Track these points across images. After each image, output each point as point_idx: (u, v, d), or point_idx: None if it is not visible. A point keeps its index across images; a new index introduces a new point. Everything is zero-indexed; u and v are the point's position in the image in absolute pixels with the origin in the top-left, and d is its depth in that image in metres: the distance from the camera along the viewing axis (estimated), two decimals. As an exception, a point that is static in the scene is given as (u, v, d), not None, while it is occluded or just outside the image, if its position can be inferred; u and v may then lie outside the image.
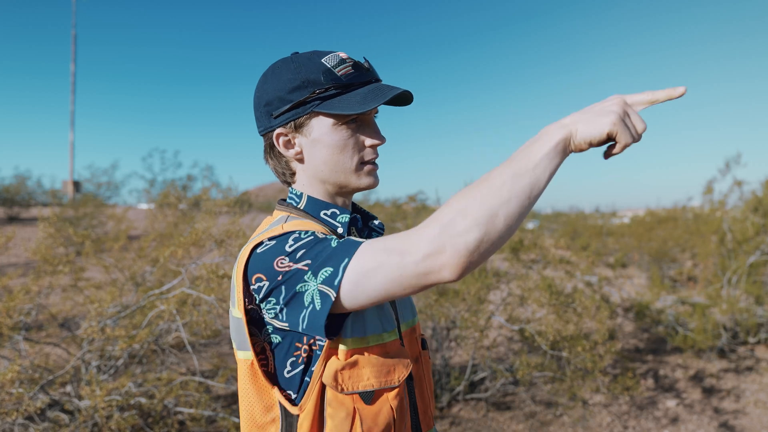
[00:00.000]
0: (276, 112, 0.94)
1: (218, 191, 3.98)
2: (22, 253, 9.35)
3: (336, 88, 0.91)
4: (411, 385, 0.98)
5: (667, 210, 11.18)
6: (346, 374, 0.86)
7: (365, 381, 0.87)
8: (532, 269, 4.74)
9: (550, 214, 22.26)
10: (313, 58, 0.93)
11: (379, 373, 0.87)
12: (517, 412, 4.04)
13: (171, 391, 3.09)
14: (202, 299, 3.35)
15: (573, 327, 3.44)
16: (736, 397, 4.53)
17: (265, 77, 0.97)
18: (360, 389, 0.86)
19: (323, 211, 0.98)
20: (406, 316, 1.03)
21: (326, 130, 0.94)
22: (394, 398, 0.88)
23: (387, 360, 0.89)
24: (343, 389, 0.86)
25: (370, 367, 0.87)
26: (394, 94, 0.90)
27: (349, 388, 0.86)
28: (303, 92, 0.92)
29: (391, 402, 0.88)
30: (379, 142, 0.96)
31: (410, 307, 1.07)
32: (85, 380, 3.08)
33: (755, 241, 6.00)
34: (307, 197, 0.99)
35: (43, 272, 3.43)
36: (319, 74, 0.91)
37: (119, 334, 2.92)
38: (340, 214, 0.98)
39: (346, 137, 0.93)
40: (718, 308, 5.51)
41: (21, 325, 3.34)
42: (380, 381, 0.87)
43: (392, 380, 0.88)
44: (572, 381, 3.62)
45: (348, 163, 0.95)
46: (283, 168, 1.00)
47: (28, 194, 15.53)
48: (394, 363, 0.90)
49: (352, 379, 0.86)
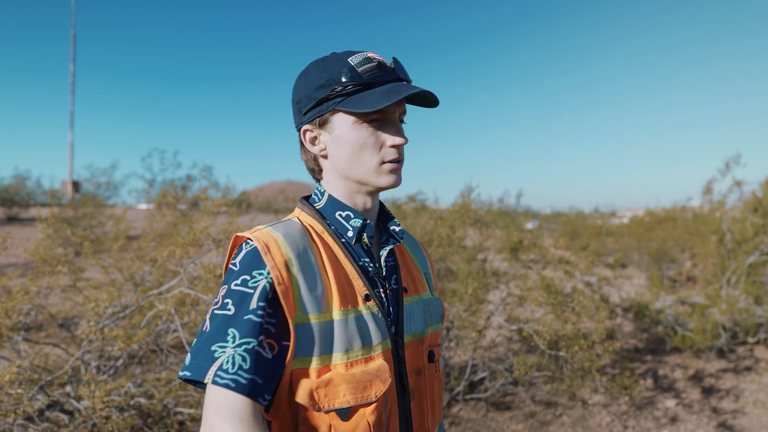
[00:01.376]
0: (304, 109, 0.98)
1: (217, 191, 3.97)
2: (21, 253, 9.34)
3: (357, 86, 0.93)
4: (406, 398, 0.96)
5: (666, 210, 11.17)
6: (321, 392, 0.86)
7: (341, 398, 0.86)
8: (531, 269, 4.74)
9: (550, 215, 22.25)
10: (342, 58, 0.95)
11: (355, 390, 0.87)
12: (516, 412, 4.04)
13: (171, 392, 3.09)
14: (200, 299, 3.35)
15: (571, 327, 3.44)
16: (735, 397, 4.54)
17: (299, 76, 1.01)
18: (336, 406, 0.86)
19: (339, 212, 0.99)
20: (415, 327, 1.01)
21: (347, 127, 0.95)
22: (372, 413, 0.88)
23: (364, 376, 0.88)
24: (319, 408, 0.86)
25: (346, 384, 0.87)
26: (409, 93, 0.90)
27: (325, 405, 0.86)
28: (326, 90, 0.95)
29: (368, 417, 0.87)
30: (400, 142, 0.96)
31: (425, 316, 1.04)
32: (84, 380, 3.08)
33: (754, 242, 6.00)
34: (328, 196, 1.01)
35: (42, 273, 3.43)
36: (341, 73, 0.93)
37: (118, 335, 2.91)
38: (353, 218, 0.99)
39: (367, 135, 0.95)
40: (717, 308, 5.51)
41: (20, 326, 3.33)
42: (356, 397, 0.87)
43: (369, 396, 0.87)
44: (571, 381, 3.61)
45: (368, 161, 0.95)
46: (312, 164, 1.03)
47: (28, 194, 15.54)
48: (371, 379, 0.88)
49: (328, 397, 0.86)
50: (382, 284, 0.98)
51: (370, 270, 0.98)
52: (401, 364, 0.96)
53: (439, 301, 1.13)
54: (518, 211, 7.90)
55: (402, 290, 1.01)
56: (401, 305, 0.99)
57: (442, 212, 4.76)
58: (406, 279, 1.04)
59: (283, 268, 0.89)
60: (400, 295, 1.00)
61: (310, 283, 0.90)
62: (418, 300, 1.04)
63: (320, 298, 0.90)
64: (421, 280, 1.09)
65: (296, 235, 0.95)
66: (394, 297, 1.00)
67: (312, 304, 0.88)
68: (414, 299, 1.03)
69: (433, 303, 1.09)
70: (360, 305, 0.92)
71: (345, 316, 0.90)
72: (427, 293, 1.08)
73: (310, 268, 0.91)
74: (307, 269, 0.91)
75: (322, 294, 0.90)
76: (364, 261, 0.98)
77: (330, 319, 0.89)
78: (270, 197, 37.17)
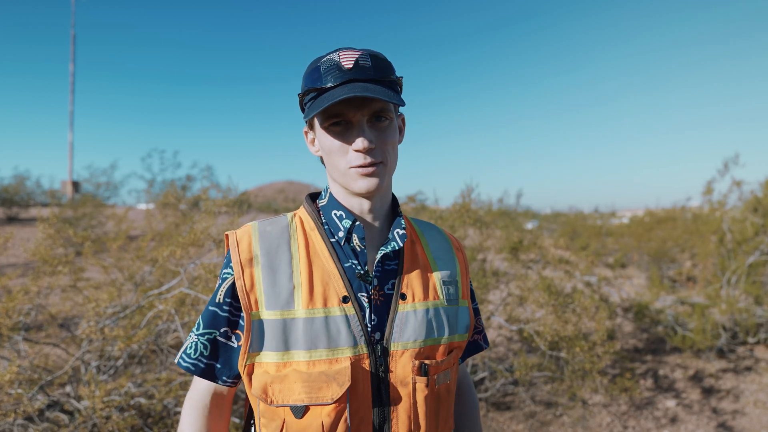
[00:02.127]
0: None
1: (218, 191, 3.97)
2: (21, 253, 9.34)
3: (313, 91, 0.94)
4: (384, 408, 0.92)
5: (666, 210, 11.18)
6: (276, 387, 0.89)
7: (296, 395, 0.87)
8: (531, 269, 4.73)
9: (549, 215, 22.24)
10: (317, 61, 0.96)
11: (310, 389, 0.87)
12: (516, 412, 4.04)
13: (171, 391, 3.08)
14: (200, 299, 3.35)
15: (572, 327, 3.43)
16: (735, 397, 4.54)
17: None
18: (290, 403, 0.88)
19: (334, 211, 1.00)
20: (409, 336, 0.94)
21: (319, 132, 0.97)
22: (328, 415, 0.87)
23: (321, 377, 0.87)
24: (272, 402, 0.89)
25: (302, 382, 0.87)
26: (343, 97, 0.86)
27: (278, 401, 0.88)
28: (302, 95, 0.98)
29: (323, 418, 0.87)
30: (359, 147, 0.90)
31: (428, 326, 0.96)
32: (84, 380, 3.08)
33: (754, 242, 6.00)
34: (329, 194, 1.03)
35: (43, 273, 3.42)
36: (306, 77, 0.96)
37: (118, 335, 2.91)
38: (345, 218, 0.98)
39: (332, 140, 0.94)
40: (717, 308, 5.52)
41: (20, 326, 3.33)
42: (311, 397, 0.87)
43: (324, 398, 0.87)
44: (572, 381, 3.62)
45: (339, 166, 0.94)
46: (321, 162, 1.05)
47: (27, 194, 15.53)
48: (328, 381, 0.87)
49: (282, 393, 0.88)
50: (368, 288, 0.94)
51: (357, 272, 0.95)
52: (383, 373, 0.92)
53: (463, 311, 1.05)
54: (518, 211, 7.89)
55: (399, 297, 0.96)
56: (394, 312, 0.94)
57: (442, 212, 4.76)
58: (409, 285, 0.98)
59: (247, 264, 0.94)
60: (394, 301, 0.96)
61: (277, 280, 0.92)
62: (421, 308, 0.97)
63: (287, 295, 0.91)
64: (434, 287, 1.01)
65: (275, 232, 0.98)
66: (386, 303, 0.95)
67: (276, 300, 0.91)
68: (413, 307, 0.96)
69: (450, 313, 1.01)
70: (333, 306, 0.91)
71: (312, 315, 0.90)
72: (437, 302, 0.99)
73: (282, 265, 0.94)
74: (277, 266, 0.93)
75: (291, 291, 0.91)
76: (351, 262, 0.96)
77: (295, 316, 0.90)
78: (270, 197, 37.13)
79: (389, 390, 0.92)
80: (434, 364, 0.95)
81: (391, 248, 0.97)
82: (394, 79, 0.96)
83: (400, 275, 0.99)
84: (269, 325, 0.90)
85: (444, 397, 0.99)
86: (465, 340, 1.05)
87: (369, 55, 0.94)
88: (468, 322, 1.05)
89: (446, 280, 1.04)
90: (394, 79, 0.96)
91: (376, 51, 0.98)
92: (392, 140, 0.96)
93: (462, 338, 1.04)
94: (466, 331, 1.05)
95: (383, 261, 0.98)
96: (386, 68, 0.95)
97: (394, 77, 0.96)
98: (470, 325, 1.06)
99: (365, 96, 0.86)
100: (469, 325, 1.06)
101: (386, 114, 0.94)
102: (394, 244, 0.98)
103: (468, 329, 1.05)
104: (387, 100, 0.87)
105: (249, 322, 0.90)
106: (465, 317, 1.05)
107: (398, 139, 1.00)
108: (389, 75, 0.95)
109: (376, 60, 0.94)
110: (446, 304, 1.01)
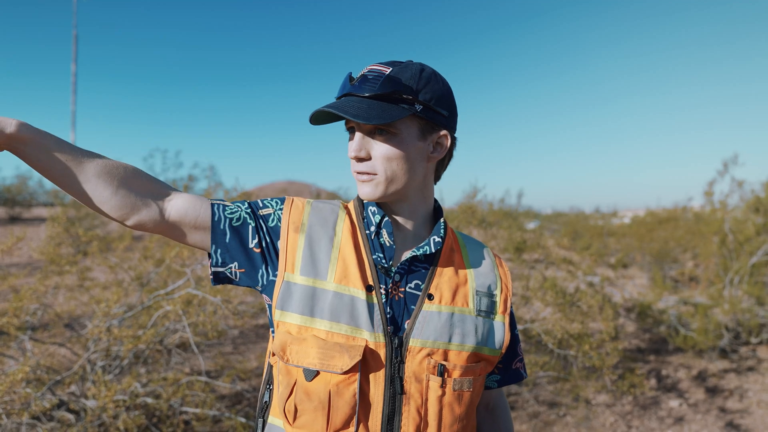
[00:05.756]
0: None
1: (224, 192, 3.99)
2: (24, 253, 9.36)
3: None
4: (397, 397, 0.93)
5: (667, 210, 11.18)
6: (294, 348, 0.93)
7: (310, 359, 0.92)
8: (534, 269, 4.75)
9: (551, 215, 22.25)
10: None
11: (323, 356, 0.91)
12: (520, 413, 4.05)
13: (177, 391, 3.10)
14: (207, 300, 3.36)
15: (579, 326, 3.45)
16: (740, 397, 4.55)
17: None
18: (304, 365, 0.92)
19: (371, 207, 1.04)
20: (428, 336, 0.96)
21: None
22: (336, 384, 0.91)
23: (335, 347, 0.92)
24: (288, 360, 0.93)
25: (318, 348, 0.92)
26: (312, 113, 0.95)
27: (294, 361, 0.93)
28: None
29: (331, 386, 0.91)
30: (349, 155, 0.99)
31: (452, 330, 0.97)
32: (91, 380, 3.10)
33: (757, 242, 6.01)
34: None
35: (50, 272, 3.44)
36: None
37: (126, 335, 2.93)
38: (376, 213, 1.03)
39: (348, 145, 1.01)
40: (719, 308, 5.53)
41: (27, 325, 3.35)
42: (323, 363, 0.91)
43: (334, 366, 0.90)
44: (577, 380, 3.63)
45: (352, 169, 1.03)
46: None
47: (30, 194, 15.53)
48: (341, 351, 0.91)
49: (299, 354, 0.93)
50: (387, 282, 0.98)
51: (381, 265, 0.99)
52: (397, 365, 0.94)
53: (498, 325, 1.04)
54: (519, 211, 7.90)
55: (426, 296, 0.99)
56: (419, 309, 0.97)
57: (446, 212, 4.78)
58: (438, 287, 1.00)
59: (294, 230, 1.00)
60: (420, 300, 0.98)
61: (316, 252, 0.98)
62: (446, 311, 0.99)
63: (323, 267, 0.97)
64: (465, 295, 1.02)
65: (327, 211, 1.05)
66: (404, 300, 0.98)
67: (311, 269, 0.96)
68: (438, 308, 0.98)
69: (479, 323, 1.01)
70: (360, 291, 0.96)
71: (341, 291, 0.95)
72: (465, 309, 1.01)
73: (324, 239, 1.00)
74: (320, 239, 1.00)
75: (326, 265, 0.97)
76: (377, 255, 1.00)
77: (325, 287, 0.95)
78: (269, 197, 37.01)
79: (403, 383, 0.94)
80: (452, 367, 0.96)
81: (422, 252, 1.00)
82: (405, 97, 0.94)
83: (431, 277, 1.01)
84: (298, 289, 0.95)
85: (460, 403, 0.97)
86: (497, 355, 1.04)
87: (383, 70, 0.96)
88: (502, 339, 1.04)
89: (481, 291, 1.04)
90: (404, 97, 0.94)
91: (412, 63, 0.99)
92: (389, 154, 0.95)
93: (493, 353, 1.03)
94: (499, 347, 1.04)
95: (411, 261, 1.01)
96: (396, 84, 0.93)
97: (406, 95, 0.94)
98: (504, 343, 1.05)
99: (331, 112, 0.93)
100: (503, 342, 1.04)
101: (387, 127, 0.94)
102: (427, 248, 1.00)
103: (501, 346, 1.04)
104: (349, 118, 0.90)
105: (280, 282, 0.96)
106: (499, 332, 1.04)
107: (410, 152, 0.97)
108: (398, 92, 0.93)
109: (388, 76, 0.94)
110: (475, 313, 1.02)
